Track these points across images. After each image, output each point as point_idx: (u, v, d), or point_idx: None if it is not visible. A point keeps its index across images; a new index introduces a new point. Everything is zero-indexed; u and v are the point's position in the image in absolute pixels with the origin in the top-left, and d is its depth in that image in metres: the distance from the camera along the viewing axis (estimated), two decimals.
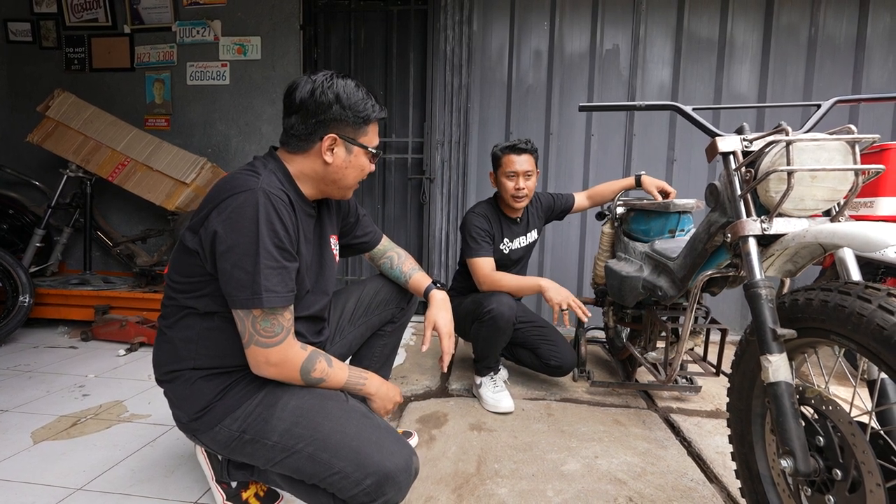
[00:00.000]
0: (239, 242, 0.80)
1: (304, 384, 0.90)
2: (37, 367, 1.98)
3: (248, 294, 0.80)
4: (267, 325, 0.84)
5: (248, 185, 0.83)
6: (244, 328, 0.84)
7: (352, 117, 0.92)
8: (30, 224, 2.83)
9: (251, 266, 0.80)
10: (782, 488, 0.90)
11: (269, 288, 0.81)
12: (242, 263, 0.80)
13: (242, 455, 0.90)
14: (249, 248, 0.80)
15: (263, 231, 0.80)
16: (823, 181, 0.89)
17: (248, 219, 0.80)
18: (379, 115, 0.97)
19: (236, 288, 0.81)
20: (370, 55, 2.96)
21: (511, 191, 1.71)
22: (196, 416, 0.88)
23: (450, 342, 1.15)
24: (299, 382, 0.90)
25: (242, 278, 0.80)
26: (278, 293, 0.83)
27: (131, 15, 2.98)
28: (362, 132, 0.95)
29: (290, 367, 0.87)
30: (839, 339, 0.74)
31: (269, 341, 0.84)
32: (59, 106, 2.64)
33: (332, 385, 0.93)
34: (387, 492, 0.82)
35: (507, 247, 1.82)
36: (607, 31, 2.74)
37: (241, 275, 0.80)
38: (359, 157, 0.96)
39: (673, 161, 2.75)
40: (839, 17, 2.61)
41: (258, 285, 0.80)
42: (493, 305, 1.57)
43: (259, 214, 0.81)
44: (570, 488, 1.19)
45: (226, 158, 2.98)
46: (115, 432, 1.43)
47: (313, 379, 0.90)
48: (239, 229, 0.80)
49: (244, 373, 0.90)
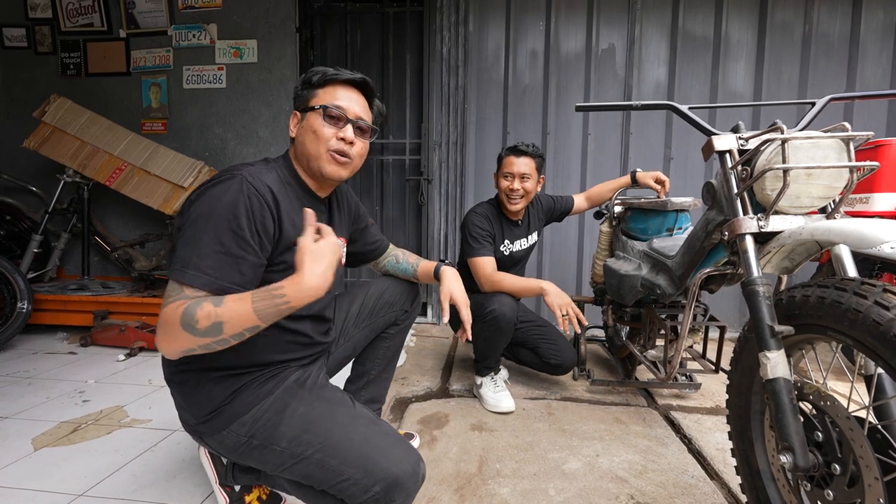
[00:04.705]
0: (194, 221, 0.78)
1: (199, 343, 0.73)
2: (36, 373, 1.97)
3: (179, 266, 0.76)
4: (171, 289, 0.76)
5: (233, 171, 0.83)
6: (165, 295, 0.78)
7: (302, 88, 0.95)
8: (27, 230, 2.82)
9: (195, 242, 0.76)
10: (782, 484, 0.91)
11: (200, 267, 0.75)
12: (189, 238, 0.77)
13: (250, 460, 0.90)
14: (202, 225, 0.77)
15: (223, 213, 0.77)
16: (819, 179, 0.90)
17: (214, 199, 0.79)
18: (331, 76, 0.94)
19: (174, 260, 0.77)
20: (367, 57, 2.96)
21: (505, 190, 1.73)
22: (204, 420, 0.88)
23: (468, 311, 1.15)
24: (190, 342, 0.72)
25: (182, 251, 0.76)
26: (207, 275, 0.75)
27: (127, 19, 2.97)
28: (313, 96, 0.95)
29: (170, 323, 0.72)
30: (836, 335, 0.75)
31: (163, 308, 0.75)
32: (55, 111, 2.63)
33: (237, 324, 0.73)
34: (395, 497, 0.82)
35: (507, 248, 1.82)
36: (603, 31, 2.75)
37: (183, 248, 0.77)
38: (309, 120, 0.93)
39: (670, 159, 2.76)
40: (833, 14, 2.62)
41: (188, 261, 0.75)
42: (495, 306, 1.57)
43: (225, 197, 0.79)
44: (572, 487, 1.19)
45: (223, 162, 2.97)
46: (115, 438, 1.43)
47: (202, 329, 0.71)
48: (201, 211, 0.78)
49: (254, 376, 0.90)
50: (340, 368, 1.23)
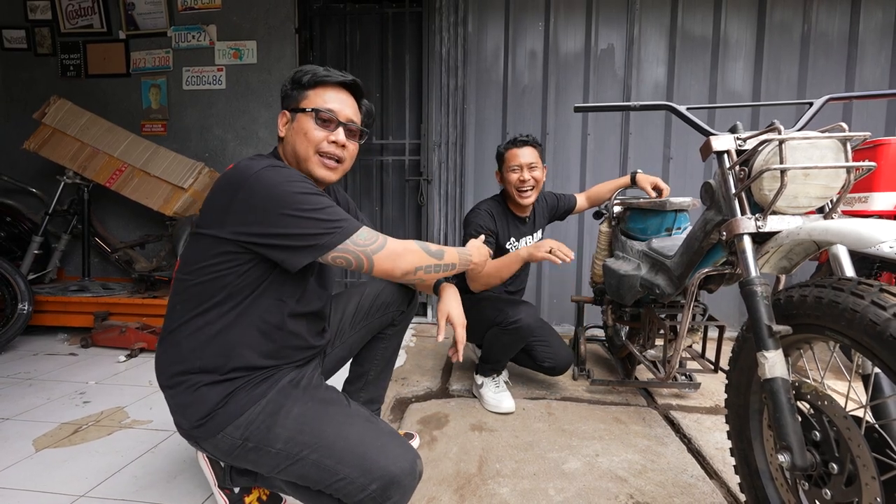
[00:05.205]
0: (285, 201, 0.81)
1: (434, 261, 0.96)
2: (37, 374, 1.98)
3: (327, 231, 0.82)
4: (360, 237, 0.86)
5: (261, 163, 0.85)
6: (347, 260, 0.85)
7: (292, 88, 0.96)
8: (27, 231, 2.83)
9: (305, 214, 0.81)
10: (780, 483, 0.91)
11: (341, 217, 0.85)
12: (303, 213, 0.81)
13: (246, 462, 0.90)
14: (298, 198, 0.81)
15: (295, 186, 0.82)
16: (816, 179, 0.90)
17: (279, 180, 0.82)
18: (321, 78, 0.95)
19: (314, 237, 0.82)
20: (366, 58, 2.97)
21: (515, 183, 1.69)
22: (198, 424, 0.88)
23: (463, 332, 1.16)
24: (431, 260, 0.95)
25: (313, 225, 0.82)
26: (347, 220, 0.85)
27: (126, 21, 2.98)
28: (303, 97, 0.95)
29: (413, 248, 0.93)
30: (834, 334, 0.75)
31: (378, 244, 0.87)
32: (55, 113, 2.64)
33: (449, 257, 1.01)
34: (392, 495, 0.82)
35: (513, 246, 1.78)
36: (602, 31, 2.75)
37: (308, 224, 0.82)
38: (300, 122, 0.94)
39: (669, 159, 2.76)
40: (832, 14, 2.63)
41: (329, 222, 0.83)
42: (521, 316, 1.55)
43: (283, 173, 0.84)
44: (572, 487, 1.19)
45: (223, 163, 2.97)
46: (116, 439, 1.43)
47: (435, 251, 0.97)
48: (278, 191, 0.81)
49: (248, 379, 0.90)
50: (337, 370, 1.23)
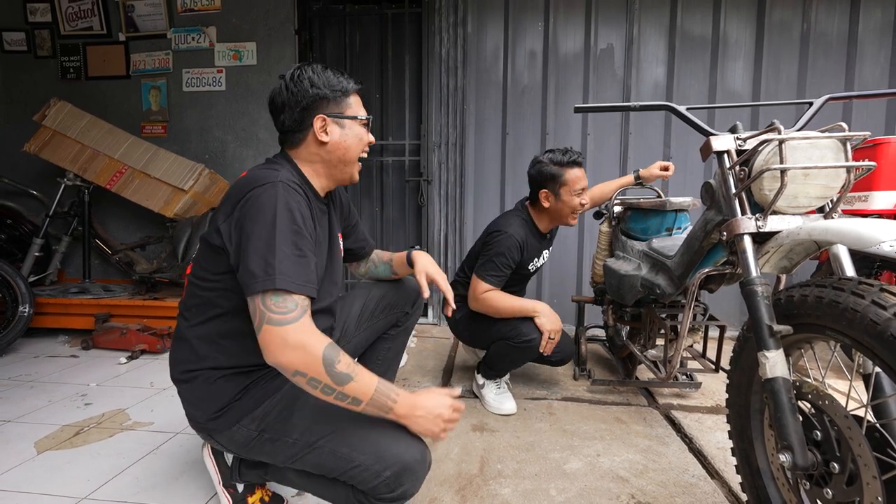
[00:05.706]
0: (256, 231, 0.80)
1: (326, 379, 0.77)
2: (38, 376, 1.98)
3: (263, 275, 0.78)
4: (279, 300, 0.78)
5: (269, 178, 0.85)
6: (255, 310, 0.79)
7: (330, 94, 0.96)
8: (28, 234, 2.83)
9: (267, 251, 0.79)
10: (782, 482, 0.91)
11: (284, 272, 0.78)
12: (259, 250, 0.79)
13: (261, 454, 0.91)
14: (267, 234, 0.80)
15: (282, 218, 0.81)
16: (816, 179, 0.90)
17: (268, 208, 0.82)
18: (355, 87, 1.00)
19: (250, 275, 0.79)
20: (366, 58, 2.97)
21: (577, 207, 1.61)
22: (214, 416, 0.90)
23: (446, 282, 1.20)
24: (322, 376, 0.77)
25: (257, 264, 0.79)
26: (293, 279, 0.79)
27: (126, 23, 2.98)
28: (345, 104, 0.98)
29: (312, 351, 0.76)
30: (834, 334, 0.75)
31: (283, 318, 0.77)
32: (55, 115, 2.64)
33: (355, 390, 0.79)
34: (405, 482, 0.84)
35: (534, 266, 1.76)
36: (601, 31, 2.75)
37: (257, 261, 0.79)
38: (353, 128, 0.99)
39: (669, 158, 2.76)
40: (831, 13, 2.63)
41: (272, 268, 0.78)
42: (535, 335, 1.55)
43: (278, 203, 0.82)
44: (573, 487, 1.19)
45: (223, 164, 2.98)
46: (118, 440, 1.43)
47: (339, 373, 0.77)
48: (258, 219, 0.81)
49: (263, 373, 0.92)
50: None
